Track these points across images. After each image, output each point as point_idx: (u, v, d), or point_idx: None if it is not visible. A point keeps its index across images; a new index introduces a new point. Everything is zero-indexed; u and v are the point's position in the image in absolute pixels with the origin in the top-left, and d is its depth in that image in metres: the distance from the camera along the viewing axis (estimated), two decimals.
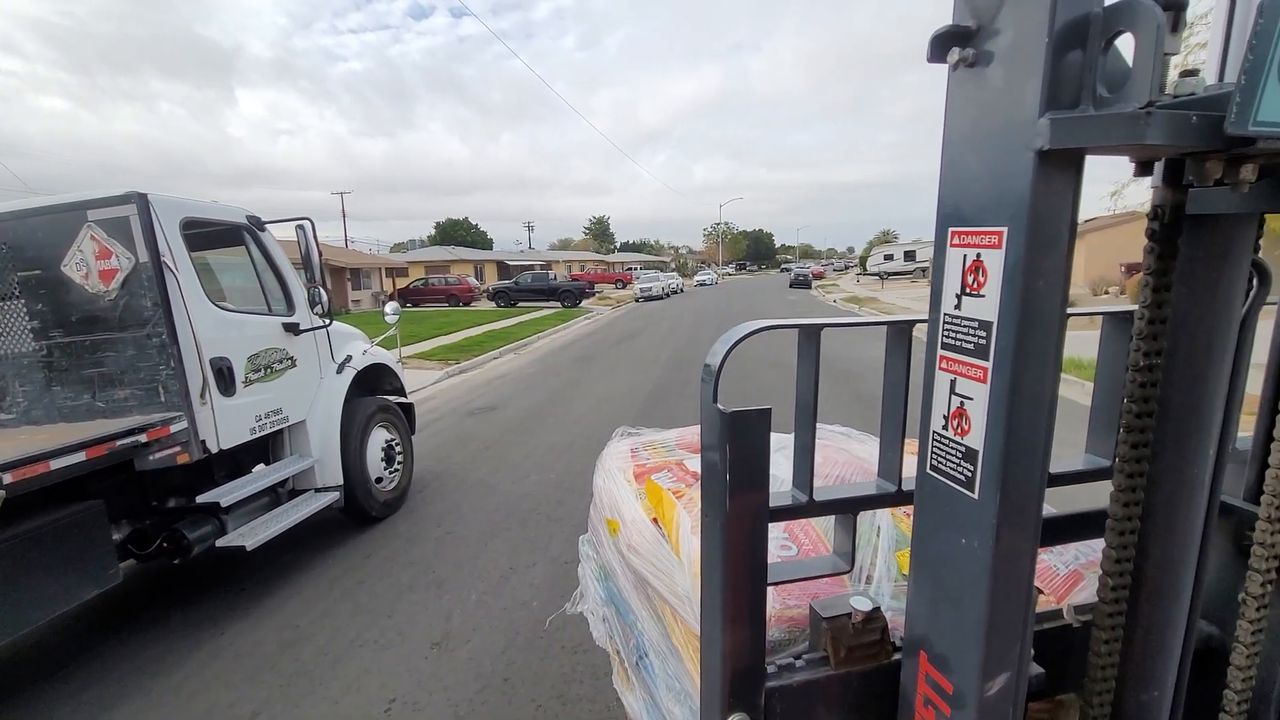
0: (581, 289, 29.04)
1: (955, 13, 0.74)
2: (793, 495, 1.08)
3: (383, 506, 4.76)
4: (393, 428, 5.07)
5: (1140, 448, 0.88)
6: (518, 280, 30.45)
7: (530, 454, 6.34)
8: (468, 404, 9.12)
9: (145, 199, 3.20)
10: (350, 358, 4.69)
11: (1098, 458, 1.14)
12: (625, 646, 1.69)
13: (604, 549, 1.89)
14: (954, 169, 0.78)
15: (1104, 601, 0.93)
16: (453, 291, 30.68)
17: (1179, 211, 0.80)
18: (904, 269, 43.38)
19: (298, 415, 4.18)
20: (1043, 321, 0.72)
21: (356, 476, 4.47)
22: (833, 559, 1.14)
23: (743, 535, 0.95)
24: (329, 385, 4.44)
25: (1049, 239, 0.69)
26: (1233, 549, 1.08)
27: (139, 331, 3.22)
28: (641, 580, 1.52)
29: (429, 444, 6.87)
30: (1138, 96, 0.61)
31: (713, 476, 0.96)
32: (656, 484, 1.64)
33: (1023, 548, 0.78)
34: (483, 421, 7.90)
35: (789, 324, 1.04)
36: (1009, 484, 0.75)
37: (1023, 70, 0.67)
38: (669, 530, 1.47)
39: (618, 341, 15.67)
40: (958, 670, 0.84)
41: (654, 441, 2.08)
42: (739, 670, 0.97)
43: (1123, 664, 0.95)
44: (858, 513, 1.11)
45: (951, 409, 0.81)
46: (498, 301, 29.51)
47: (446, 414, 8.50)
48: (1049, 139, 0.65)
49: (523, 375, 11.40)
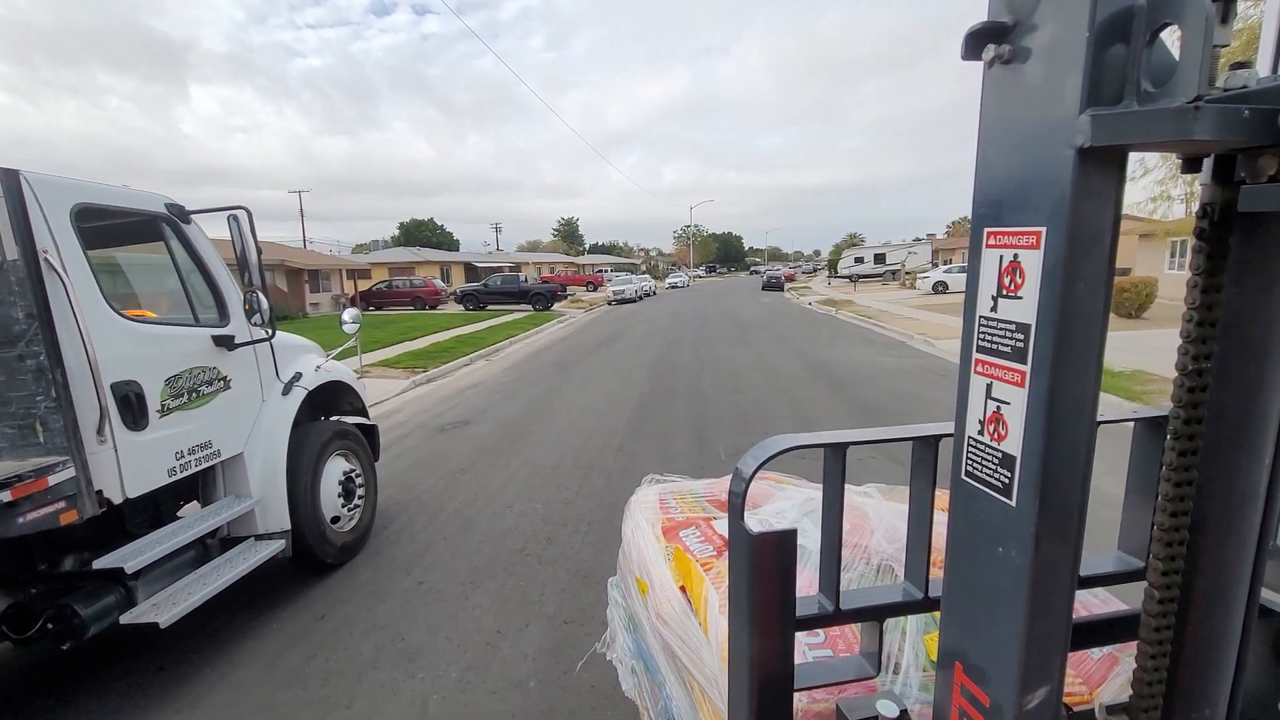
0: (553, 291, 28.24)
1: (991, 8, 0.74)
2: (819, 602, 1.09)
3: (340, 551, 4.02)
4: (352, 456, 4.33)
5: (1178, 531, 0.84)
6: (487, 282, 29.45)
7: (512, 478, 5.64)
8: (438, 418, 8.35)
9: (17, 177, 2.44)
10: (299, 375, 3.94)
11: (1130, 557, 1.13)
12: (654, 706, 1.67)
13: (633, 601, 1.83)
14: (990, 168, 0.77)
15: (1136, 710, 0.90)
16: (418, 294, 29.52)
17: (1230, 209, 0.76)
18: (874, 272, 43.73)
19: (232, 448, 3.43)
20: (1084, 324, 0.70)
21: (308, 518, 3.73)
22: (859, 662, 1.14)
23: (770, 647, 0.98)
24: (273, 410, 3.69)
25: (1090, 239, 0.68)
26: (1272, 654, 1.03)
27: (6, 351, 2.46)
28: (670, 651, 1.50)
29: (396, 467, 6.10)
30: (1185, 91, 0.60)
31: (739, 590, 0.99)
32: (685, 554, 1.60)
33: (1063, 557, 0.76)
34: (456, 439, 7.15)
35: (817, 443, 1.04)
36: (1049, 491, 0.73)
37: (1062, 66, 0.66)
38: (697, 605, 1.44)
39: (596, 347, 14.99)
40: (995, 683, 0.81)
41: (682, 491, 2.02)
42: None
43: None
44: (884, 620, 1.12)
45: (988, 413, 0.80)
46: (466, 304, 28.48)
47: (415, 430, 7.71)
48: (1090, 136, 0.64)
49: (497, 384, 10.64)
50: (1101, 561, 1.14)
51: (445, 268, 41.73)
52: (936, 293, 27.49)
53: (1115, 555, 1.14)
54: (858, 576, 1.44)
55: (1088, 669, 1.21)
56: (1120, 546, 1.14)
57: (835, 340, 14.77)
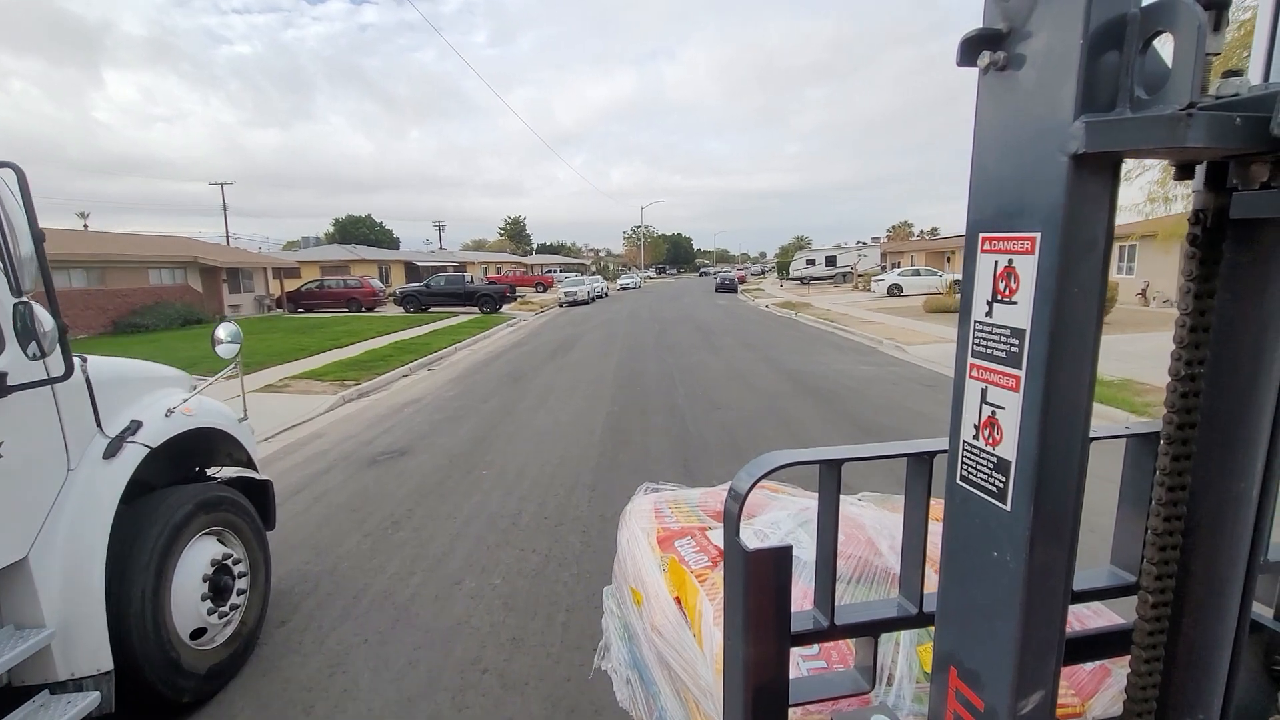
0: (502, 293, 26.62)
1: (985, 15, 0.74)
2: (814, 618, 1.10)
3: (203, 681, 2.73)
4: (230, 533, 3.05)
5: (1171, 536, 0.85)
6: (429, 283, 27.52)
7: (460, 535, 4.43)
8: (369, 445, 6.99)
9: None
10: (137, 425, 2.64)
11: (1123, 571, 1.14)
12: (648, 716, 1.63)
13: (628, 611, 1.80)
14: (984, 174, 0.78)
15: (1132, 710, 0.91)
16: (353, 295, 27.34)
17: (1222, 216, 0.77)
18: (826, 274, 43.97)
19: (10, 553, 2.14)
20: (1078, 329, 0.70)
21: (147, 645, 2.46)
22: (854, 676, 1.15)
23: (765, 663, 0.99)
24: (85, 484, 2.40)
25: (1084, 245, 0.68)
26: (1261, 668, 1.04)
27: None
28: (664, 662, 1.49)
29: (307, 519, 4.79)
30: (1178, 98, 0.60)
31: (735, 606, 1.00)
32: (680, 565, 1.59)
33: (1057, 562, 0.76)
34: (389, 474, 5.86)
35: (813, 459, 1.05)
36: (1043, 495, 0.73)
37: (1056, 73, 0.66)
38: (692, 617, 1.44)
39: (551, 354, 13.75)
40: (989, 687, 0.81)
41: (678, 500, 2.03)
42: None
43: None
44: (879, 635, 1.12)
45: (983, 418, 0.80)
46: (406, 307, 26.52)
47: (339, 462, 6.35)
48: (1084, 142, 0.64)
49: (440, 400, 9.30)
50: (1095, 575, 1.16)
51: (384, 267, 39.27)
52: (891, 295, 27.48)
53: (1108, 570, 1.16)
54: (852, 588, 1.43)
55: (1080, 681, 1.25)
56: (1113, 561, 1.16)
57: (804, 346, 14.05)
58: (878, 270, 40.73)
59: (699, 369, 11.12)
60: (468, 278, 28.62)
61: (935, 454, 1.04)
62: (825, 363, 11.61)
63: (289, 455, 6.77)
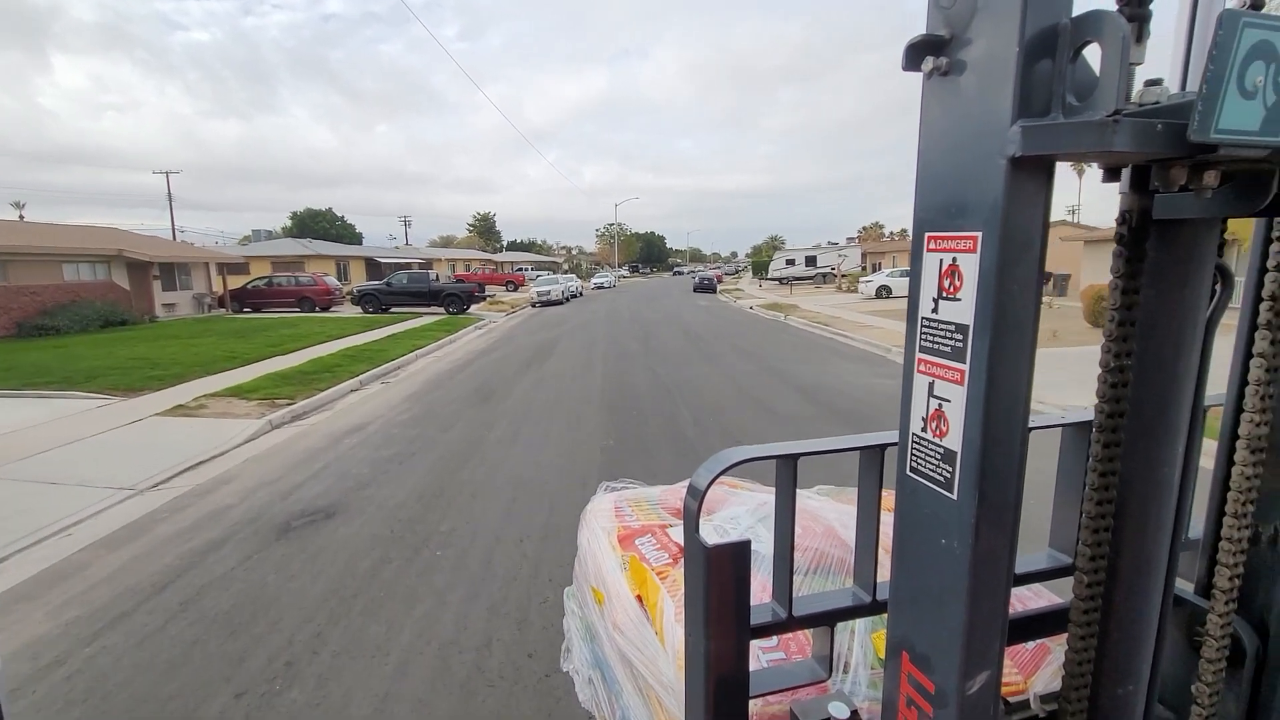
0: (470, 292, 24.60)
1: (929, 22, 0.75)
2: (773, 610, 1.12)
3: None
4: None
5: (1104, 519, 0.89)
6: (390, 281, 25.33)
7: (390, 698, 2.78)
8: (286, 496, 5.26)
9: None
10: None
11: (1060, 554, 1.19)
12: (611, 715, 1.63)
13: (589, 611, 1.81)
14: (929, 175, 0.79)
15: (1068, 692, 0.95)
16: (306, 294, 25.02)
17: (1146, 216, 0.81)
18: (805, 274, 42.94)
19: None
20: (1017, 324, 0.72)
21: None
22: (812, 665, 1.17)
23: (726, 656, 1.03)
24: None
25: (1022, 243, 0.70)
26: (1184, 640, 1.10)
27: None
28: (626, 660, 1.50)
29: (158, 648, 3.07)
30: (1105, 105, 0.62)
31: (695, 601, 1.03)
32: (641, 563, 1.59)
33: (1001, 547, 0.78)
34: (301, 556, 4.15)
35: (769, 455, 1.08)
36: (987, 484, 0.75)
37: (995, 79, 0.68)
38: (653, 614, 1.45)
39: (526, 364, 12.03)
40: (939, 669, 0.84)
41: (639, 498, 2.00)
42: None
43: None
44: (835, 624, 1.16)
45: (930, 411, 0.81)
46: (365, 306, 24.31)
47: (238, 529, 4.62)
48: (1021, 146, 0.66)
49: (390, 426, 7.55)
50: (1035, 559, 1.21)
51: (342, 263, 36.68)
52: (880, 297, 26.40)
53: (1047, 553, 1.22)
54: (810, 579, 1.46)
55: (1023, 659, 1.28)
56: (1051, 544, 1.22)
57: (806, 355, 12.64)
58: (860, 271, 39.85)
59: (699, 384, 9.58)
60: (433, 275, 26.53)
61: (886, 446, 1.08)
62: (838, 375, 10.19)
63: (173, 516, 4.99)
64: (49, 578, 4.05)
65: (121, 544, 4.52)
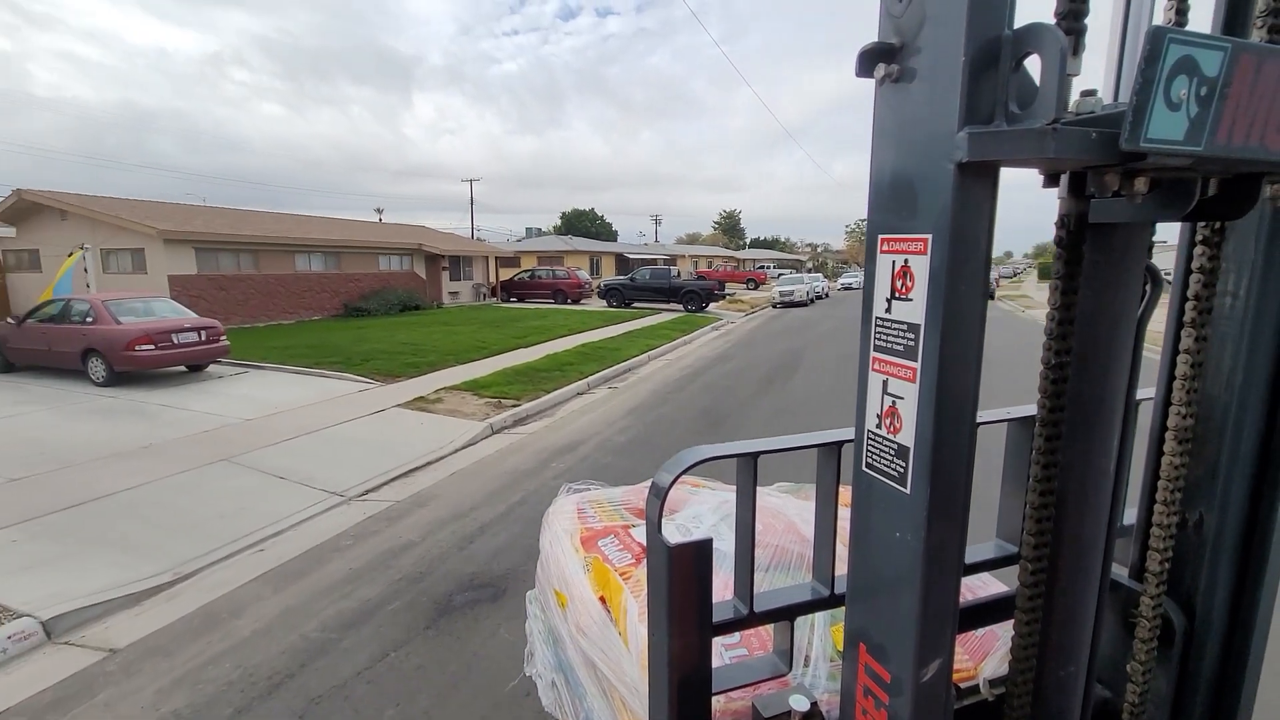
0: (709, 290, 23.57)
1: (881, 29, 0.77)
2: (734, 607, 1.14)
3: None
4: None
5: (1046, 509, 0.93)
6: (634, 276, 25.56)
7: None
8: (467, 545, 4.22)
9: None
10: None
11: (1006, 543, 1.24)
12: (575, 717, 1.63)
13: (552, 614, 1.80)
14: (881, 179, 0.80)
15: (1014, 675, 1.00)
16: (560, 286, 26.55)
17: (1083, 220, 0.84)
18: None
19: None
20: (965, 323, 0.74)
21: None
22: (773, 660, 1.19)
23: (688, 654, 1.05)
24: None
25: (969, 245, 0.72)
26: (1120, 622, 1.13)
27: None
28: (590, 662, 1.50)
29: None
30: (1044, 113, 0.64)
31: (658, 600, 1.05)
32: (604, 564, 1.59)
33: (951, 539, 0.80)
34: (444, 657, 2.89)
35: (729, 454, 1.10)
36: (938, 478, 0.77)
37: (943, 87, 0.70)
38: (616, 615, 1.44)
39: (766, 381, 10.14)
40: (895, 659, 0.85)
41: (601, 500, 2.00)
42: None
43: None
44: (795, 619, 1.17)
45: (884, 408, 0.83)
46: (609, 300, 24.88)
47: (400, 591, 3.62)
48: (967, 152, 0.68)
49: (602, 454, 6.34)
50: (983, 550, 1.25)
51: (595, 258, 38.97)
52: None
53: (994, 543, 1.26)
54: (771, 575, 1.45)
55: (973, 646, 1.31)
56: (998, 535, 1.26)
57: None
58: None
59: None
60: (674, 271, 26.10)
61: (843, 444, 1.10)
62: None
63: (352, 549, 4.26)
64: (164, 639, 3.41)
65: (282, 586, 3.83)
